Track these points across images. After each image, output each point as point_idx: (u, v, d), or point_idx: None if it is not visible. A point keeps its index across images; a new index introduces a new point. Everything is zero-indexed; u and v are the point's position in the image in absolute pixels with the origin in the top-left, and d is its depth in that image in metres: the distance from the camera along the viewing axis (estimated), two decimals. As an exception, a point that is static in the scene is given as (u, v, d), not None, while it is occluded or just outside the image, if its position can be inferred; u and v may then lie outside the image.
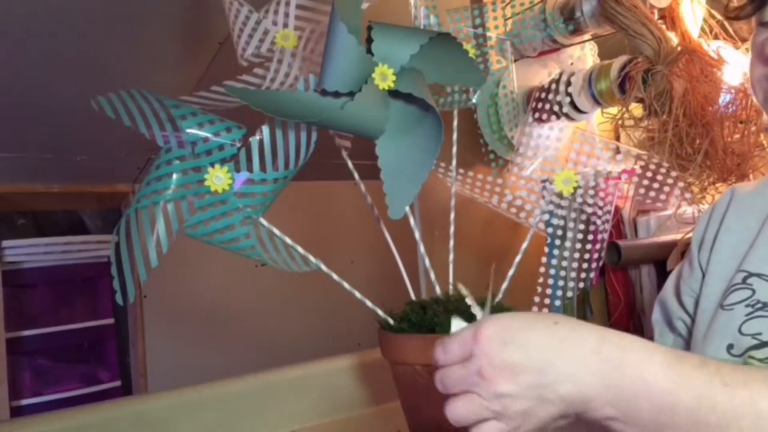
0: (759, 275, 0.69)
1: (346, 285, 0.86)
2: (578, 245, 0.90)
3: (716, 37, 1.11)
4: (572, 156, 0.91)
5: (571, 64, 1.32)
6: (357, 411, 1.24)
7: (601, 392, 0.46)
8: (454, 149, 0.96)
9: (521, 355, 0.47)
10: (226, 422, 1.12)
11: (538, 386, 0.47)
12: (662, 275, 1.33)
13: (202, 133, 0.80)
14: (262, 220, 0.83)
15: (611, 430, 0.47)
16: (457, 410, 0.49)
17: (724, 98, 1.07)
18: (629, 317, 1.36)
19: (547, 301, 0.86)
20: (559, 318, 0.49)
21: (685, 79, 1.04)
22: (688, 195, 1.03)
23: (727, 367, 0.47)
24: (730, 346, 0.67)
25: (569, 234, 0.89)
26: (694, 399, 0.45)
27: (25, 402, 1.67)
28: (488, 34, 1.13)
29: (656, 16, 1.10)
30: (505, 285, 0.87)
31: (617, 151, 0.92)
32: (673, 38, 1.08)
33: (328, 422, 1.21)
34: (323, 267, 0.85)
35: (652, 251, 1.32)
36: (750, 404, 0.44)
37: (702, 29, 1.13)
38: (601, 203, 0.89)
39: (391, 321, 0.87)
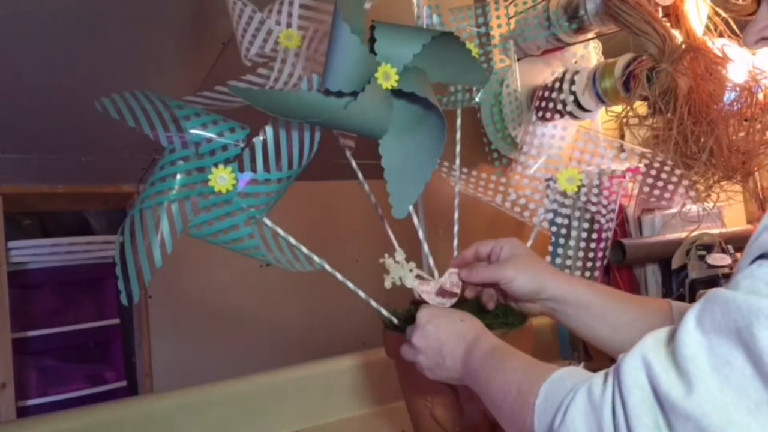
0: None
1: (350, 284, 0.86)
2: (582, 244, 0.90)
3: (721, 35, 1.11)
4: (576, 154, 0.91)
5: (575, 62, 1.32)
6: (362, 410, 1.24)
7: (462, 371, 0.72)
8: (458, 148, 0.96)
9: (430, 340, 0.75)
10: (231, 422, 1.12)
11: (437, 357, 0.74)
12: (667, 274, 1.32)
13: (206, 134, 0.80)
14: (266, 220, 0.83)
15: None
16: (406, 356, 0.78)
17: (728, 96, 1.06)
18: (634, 316, 1.35)
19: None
20: (464, 316, 0.75)
21: (689, 77, 1.03)
22: (692, 193, 1.03)
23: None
24: None
25: (573, 233, 0.89)
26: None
27: (31, 402, 1.67)
28: (491, 33, 1.13)
29: (660, 14, 1.10)
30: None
31: (621, 149, 0.92)
32: (678, 36, 1.07)
33: (332, 422, 1.21)
34: (327, 267, 0.85)
35: (657, 250, 1.32)
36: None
37: (706, 27, 1.12)
38: (605, 202, 0.89)
39: (395, 320, 0.88)
